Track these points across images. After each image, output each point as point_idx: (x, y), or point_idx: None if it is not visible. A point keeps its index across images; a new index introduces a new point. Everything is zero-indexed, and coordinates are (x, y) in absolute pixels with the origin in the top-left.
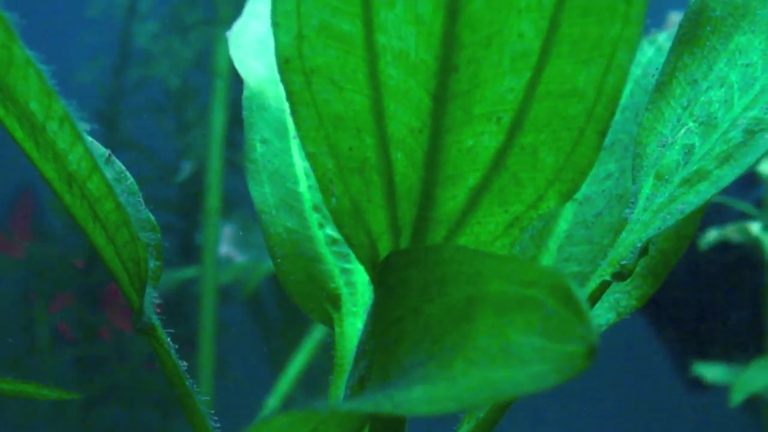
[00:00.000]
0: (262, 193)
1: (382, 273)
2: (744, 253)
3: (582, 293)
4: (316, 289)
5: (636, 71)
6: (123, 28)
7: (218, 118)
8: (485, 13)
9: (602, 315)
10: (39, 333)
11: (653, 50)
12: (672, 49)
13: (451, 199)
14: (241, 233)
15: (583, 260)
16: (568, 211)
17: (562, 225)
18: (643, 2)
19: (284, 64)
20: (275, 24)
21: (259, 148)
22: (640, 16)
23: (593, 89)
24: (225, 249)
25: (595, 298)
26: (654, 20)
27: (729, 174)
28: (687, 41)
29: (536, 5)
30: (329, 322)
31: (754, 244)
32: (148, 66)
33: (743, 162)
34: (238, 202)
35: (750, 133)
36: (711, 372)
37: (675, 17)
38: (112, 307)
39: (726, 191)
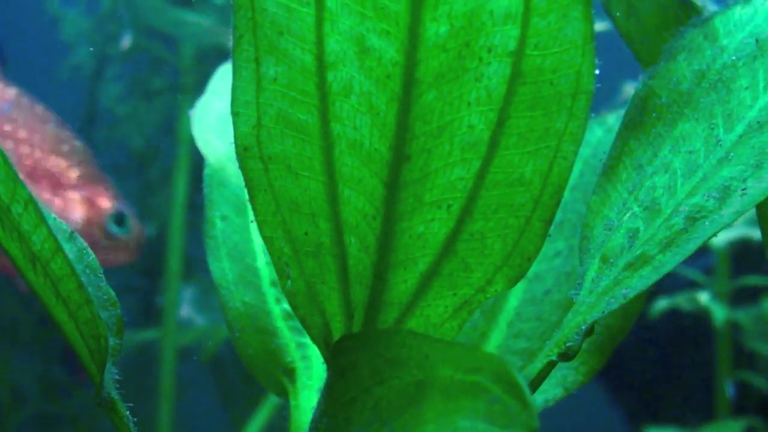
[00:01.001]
0: (221, 268)
1: (334, 354)
2: (696, 318)
3: (523, 380)
4: (273, 362)
5: (585, 151)
6: (90, 90)
7: (181, 182)
8: (437, 105)
9: (549, 390)
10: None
11: (602, 131)
12: (619, 134)
13: (403, 283)
14: (201, 296)
15: (531, 336)
16: (519, 288)
17: (513, 302)
18: (587, 98)
19: (243, 152)
20: (235, 113)
21: (219, 224)
22: (584, 110)
23: (539, 179)
24: (186, 311)
25: (541, 377)
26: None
27: (671, 260)
28: (633, 127)
29: (486, 98)
30: (285, 395)
31: (703, 312)
32: (114, 128)
33: (685, 249)
34: (199, 265)
35: (691, 220)
36: None
37: (629, 88)
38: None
39: None
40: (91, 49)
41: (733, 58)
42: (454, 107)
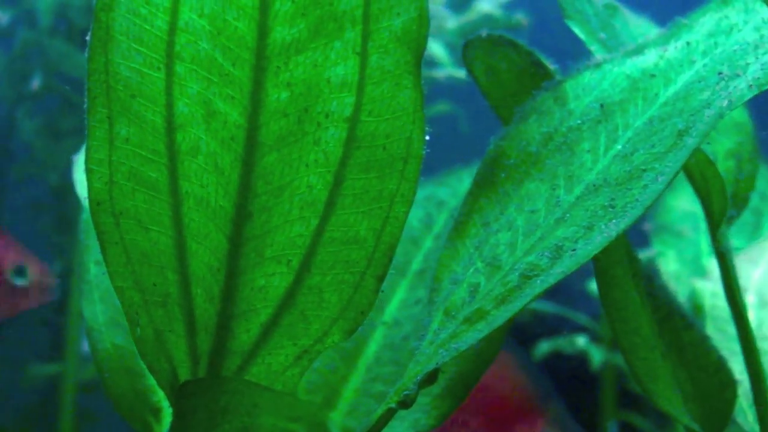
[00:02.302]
0: (93, 311)
1: (177, 399)
2: (582, 361)
3: (336, 429)
4: (140, 401)
5: (452, 202)
6: (4, 127)
7: None
8: (278, 166)
9: None
10: None
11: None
12: (470, 191)
13: (245, 333)
14: None
15: (388, 380)
16: (379, 333)
17: (372, 346)
18: (417, 162)
19: (95, 207)
20: (88, 170)
21: (93, 269)
22: (415, 173)
23: (373, 237)
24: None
25: (381, 425)
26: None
27: (503, 315)
28: (484, 185)
29: (324, 161)
30: None
31: (582, 356)
32: (29, 164)
33: (516, 305)
34: None
35: (525, 277)
36: None
37: None
38: None
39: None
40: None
41: (579, 121)
42: (294, 168)
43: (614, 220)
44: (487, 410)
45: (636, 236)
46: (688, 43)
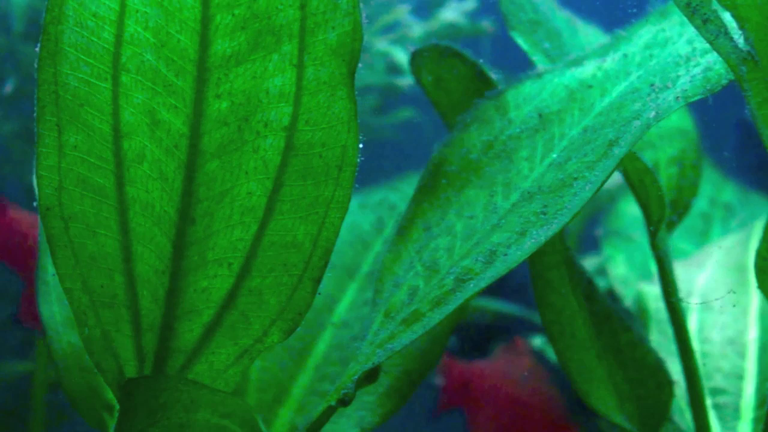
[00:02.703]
0: (50, 311)
1: (122, 396)
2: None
3: (264, 426)
4: (95, 398)
5: (403, 206)
6: None
7: None
8: (219, 173)
9: (347, 430)
10: None
11: None
12: (414, 197)
13: (189, 332)
14: None
15: (335, 379)
16: (328, 333)
17: (321, 346)
18: (352, 170)
19: (45, 211)
20: (38, 176)
21: (51, 270)
22: (349, 180)
23: (310, 242)
24: None
25: (321, 422)
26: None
27: (438, 316)
28: (427, 191)
29: (263, 168)
30: (105, 429)
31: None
32: (5, 165)
33: (450, 307)
34: None
35: (460, 281)
36: None
37: None
38: None
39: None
40: None
41: (518, 130)
42: (235, 175)
43: (545, 226)
44: (524, 424)
45: (590, 241)
46: (625, 55)
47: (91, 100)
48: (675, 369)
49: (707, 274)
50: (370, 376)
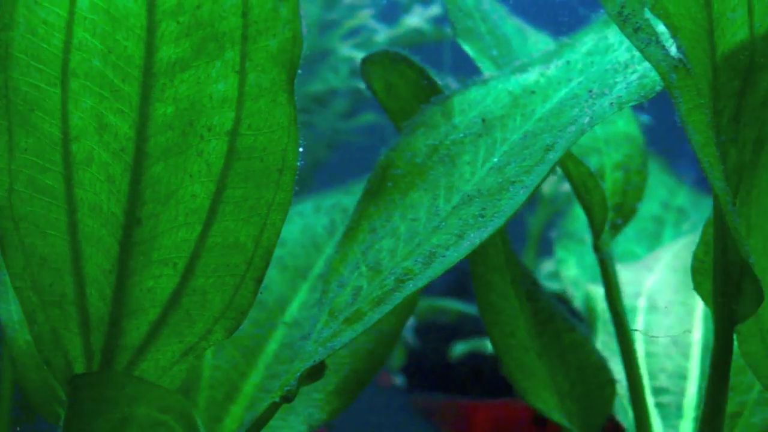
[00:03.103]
0: (8, 310)
1: (69, 391)
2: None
3: (199, 421)
4: (49, 394)
5: None
6: None
7: None
8: (164, 175)
9: (295, 427)
10: None
11: None
12: (362, 199)
13: (135, 330)
14: None
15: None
16: (279, 333)
17: (273, 345)
18: (292, 173)
19: None
20: None
21: None
22: (290, 183)
23: (252, 243)
24: None
25: (266, 418)
26: None
27: (377, 315)
28: (374, 193)
29: (206, 171)
30: (60, 423)
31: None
32: None
33: (389, 306)
34: None
35: (400, 281)
36: None
37: None
38: None
39: None
40: None
41: (462, 135)
42: (179, 178)
43: (482, 229)
44: None
45: (550, 244)
46: (568, 62)
47: (41, 104)
48: (620, 368)
49: (656, 276)
50: (313, 373)
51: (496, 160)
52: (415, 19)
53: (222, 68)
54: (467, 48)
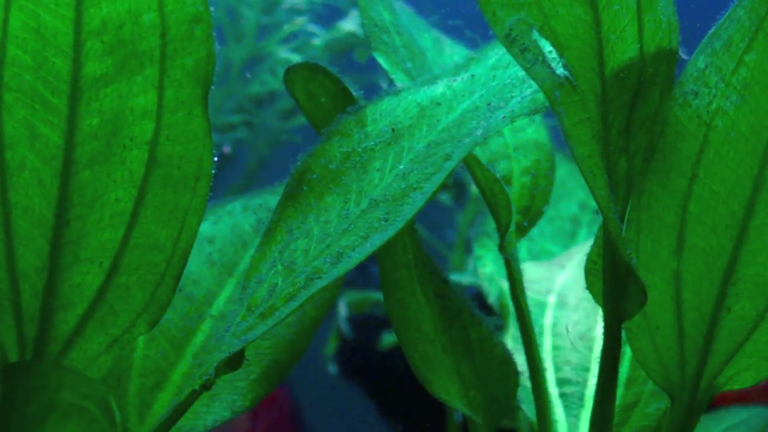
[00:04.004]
0: None
1: (3, 379)
2: None
3: (116, 406)
4: None
5: None
6: None
7: None
8: (91, 181)
9: (219, 413)
10: None
11: None
12: (281, 201)
13: (64, 323)
14: None
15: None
16: (207, 325)
17: (200, 336)
18: (207, 180)
19: None
20: None
21: None
22: (205, 189)
23: (171, 244)
24: None
25: (187, 404)
26: None
27: (287, 310)
28: (292, 196)
29: (129, 177)
30: None
31: None
32: None
33: (297, 302)
34: None
35: (310, 279)
36: None
37: None
38: None
39: None
40: None
41: (373, 143)
42: (104, 184)
43: (384, 232)
44: None
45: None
46: (473, 75)
47: None
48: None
49: (567, 274)
50: (231, 363)
51: (402, 167)
52: (351, 24)
53: (142, 83)
54: (381, 61)
